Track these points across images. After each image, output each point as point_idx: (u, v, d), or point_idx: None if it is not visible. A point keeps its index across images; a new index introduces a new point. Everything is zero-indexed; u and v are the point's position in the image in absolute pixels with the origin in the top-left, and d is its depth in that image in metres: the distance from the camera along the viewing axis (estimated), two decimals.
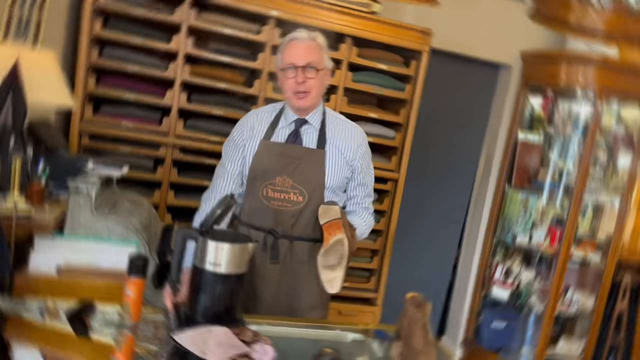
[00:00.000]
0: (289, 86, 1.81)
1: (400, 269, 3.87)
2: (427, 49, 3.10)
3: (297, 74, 1.79)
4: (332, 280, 1.65)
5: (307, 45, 1.80)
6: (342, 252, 1.67)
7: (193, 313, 1.44)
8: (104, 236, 1.76)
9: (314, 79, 1.80)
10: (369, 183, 2.00)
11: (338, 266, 1.66)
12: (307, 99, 1.82)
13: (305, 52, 1.79)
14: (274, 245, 1.83)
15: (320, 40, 1.84)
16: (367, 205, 2.01)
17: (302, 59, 1.78)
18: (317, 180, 1.83)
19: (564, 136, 3.76)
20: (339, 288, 1.65)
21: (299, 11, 2.85)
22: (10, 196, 1.73)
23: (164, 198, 2.84)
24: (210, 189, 1.91)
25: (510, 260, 3.89)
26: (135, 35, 2.69)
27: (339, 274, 1.65)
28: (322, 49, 1.84)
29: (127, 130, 2.75)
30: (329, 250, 1.67)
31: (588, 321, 3.85)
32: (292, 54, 1.80)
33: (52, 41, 2.42)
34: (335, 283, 1.65)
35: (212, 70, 2.87)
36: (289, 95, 1.83)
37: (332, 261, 1.66)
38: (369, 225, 2.00)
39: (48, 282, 1.67)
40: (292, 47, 1.81)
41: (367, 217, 2.00)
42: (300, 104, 1.82)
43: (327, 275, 1.65)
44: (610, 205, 3.91)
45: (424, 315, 1.56)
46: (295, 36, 1.82)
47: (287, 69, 1.80)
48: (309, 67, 1.79)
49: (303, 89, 1.80)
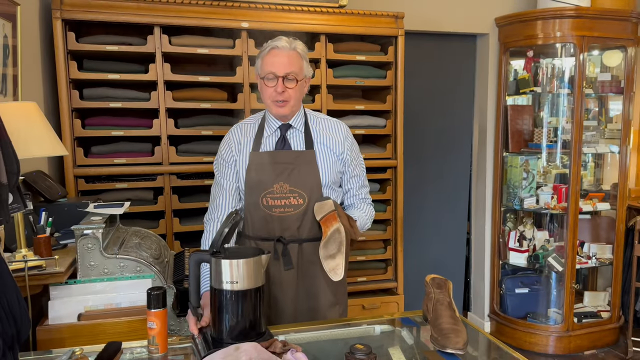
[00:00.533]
0: (269, 94, 1.82)
1: (415, 254, 3.87)
2: (402, 33, 3.10)
3: (277, 83, 1.79)
4: (335, 268, 1.67)
5: (287, 55, 1.79)
6: (340, 240, 1.69)
7: (219, 334, 1.44)
8: (117, 275, 1.76)
9: (293, 89, 1.81)
10: (361, 173, 2.01)
11: (338, 253, 1.68)
12: (287, 107, 1.83)
13: (286, 62, 1.78)
14: (285, 252, 1.83)
15: (301, 48, 1.83)
16: (364, 196, 2.02)
17: (282, 69, 1.78)
18: (313, 180, 1.84)
19: (551, 94, 3.76)
20: (342, 275, 1.66)
21: (268, 18, 2.85)
22: (18, 252, 1.73)
23: (169, 226, 2.84)
24: (211, 209, 1.90)
25: (521, 225, 3.89)
26: (112, 72, 2.69)
27: (340, 261, 1.67)
28: (302, 58, 1.83)
29: (121, 167, 2.75)
30: (328, 241, 1.70)
31: (609, 271, 3.86)
32: (272, 62, 1.79)
33: (32, 92, 2.42)
34: (338, 270, 1.67)
35: (194, 92, 2.87)
36: (269, 102, 1.84)
37: (332, 250, 1.69)
38: (369, 215, 2.01)
39: (71, 330, 1.67)
40: (273, 55, 1.80)
41: (366, 208, 2.01)
42: (279, 112, 1.84)
43: (329, 265, 1.68)
44: (610, 154, 3.91)
45: (448, 295, 1.56)
46: (275, 44, 1.81)
47: (267, 78, 1.80)
48: (289, 78, 1.79)
49: (282, 98, 1.80)
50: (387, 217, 3.26)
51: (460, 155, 3.98)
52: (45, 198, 2.18)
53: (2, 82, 2.03)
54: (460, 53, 3.89)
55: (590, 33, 3.43)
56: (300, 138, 1.89)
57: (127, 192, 2.79)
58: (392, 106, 3.20)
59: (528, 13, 3.54)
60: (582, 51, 3.43)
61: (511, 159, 3.81)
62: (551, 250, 3.71)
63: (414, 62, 3.63)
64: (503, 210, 3.89)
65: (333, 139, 1.91)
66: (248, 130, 1.92)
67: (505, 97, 3.79)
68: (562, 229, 3.64)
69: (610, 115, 3.98)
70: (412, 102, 3.60)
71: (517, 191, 3.78)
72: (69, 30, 2.60)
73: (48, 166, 2.59)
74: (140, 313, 1.73)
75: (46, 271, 1.68)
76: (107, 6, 2.61)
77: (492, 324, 3.95)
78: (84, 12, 2.58)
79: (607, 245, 3.81)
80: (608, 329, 3.74)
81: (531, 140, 3.79)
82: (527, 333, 3.69)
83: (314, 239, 1.86)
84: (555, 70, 3.71)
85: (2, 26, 2.02)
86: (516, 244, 3.81)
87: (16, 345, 1.28)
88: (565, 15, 3.41)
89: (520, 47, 3.68)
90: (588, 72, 3.60)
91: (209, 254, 1.47)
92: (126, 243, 1.89)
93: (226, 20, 2.79)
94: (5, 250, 1.75)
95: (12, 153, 1.28)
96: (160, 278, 1.81)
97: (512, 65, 3.88)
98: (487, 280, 3.99)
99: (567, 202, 3.57)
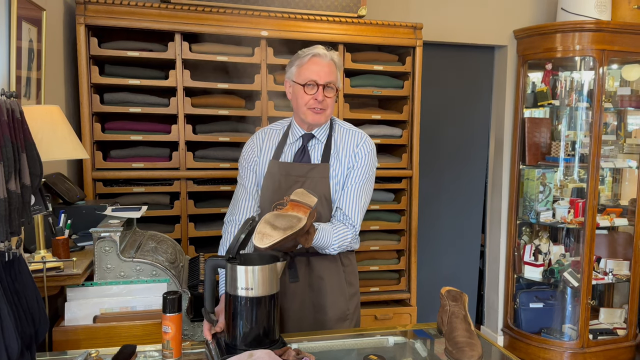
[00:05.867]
0: (306, 101, 1.80)
1: (428, 265, 3.85)
2: (420, 44, 3.10)
3: (318, 91, 1.79)
4: (265, 235, 1.45)
5: (328, 64, 1.80)
6: (292, 225, 1.50)
7: (233, 340, 1.45)
8: (133, 278, 1.78)
9: (332, 98, 1.82)
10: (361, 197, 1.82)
11: (280, 231, 1.46)
12: (324, 115, 1.83)
13: (327, 71, 1.79)
14: (291, 265, 1.82)
15: (337, 60, 1.84)
16: (352, 222, 1.82)
17: (324, 78, 1.79)
18: (322, 194, 1.80)
19: (570, 107, 3.73)
20: (265, 245, 1.44)
21: (288, 27, 2.87)
22: (37, 253, 1.75)
23: (184, 231, 2.85)
24: (232, 211, 1.89)
25: (537, 239, 3.85)
26: (133, 78, 2.73)
27: (277, 237, 1.45)
28: (337, 69, 1.85)
29: (139, 171, 2.78)
30: (285, 216, 1.53)
31: (626, 288, 3.79)
32: (314, 70, 1.79)
33: (54, 95, 2.47)
34: (265, 239, 1.44)
35: (212, 99, 2.90)
36: (304, 110, 1.81)
37: (280, 224, 1.49)
38: (339, 237, 1.77)
39: (87, 332, 1.69)
40: (314, 63, 1.79)
41: (340, 230, 1.79)
42: (316, 120, 1.82)
43: (265, 229, 1.46)
44: (629, 169, 3.86)
45: (463, 308, 1.55)
46: (317, 52, 1.81)
47: (308, 85, 1.80)
48: (329, 87, 1.80)
49: (321, 106, 1.80)
50: (401, 227, 3.25)
51: (476, 167, 3.96)
52: (64, 200, 2.21)
53: (27, 85, 2.07)
54: (478, 64, 3.88)
55: (611, 47, 3.41)
56: (320, 149, 1.87)
57: (144, 196, 2.82)
58: (409, 116, 3.20)
59: (547, 26, 3.53)
60: (601, 65, 3.41)
61: (528, 171, 3.78)
62: (567, 265, 3.66)
63: (432, 72, 3.63)
64: (519, 223, 3.86)
65: (346, 150, 1.87)
66: (272, 136, 1.92)
67: (522, 110, 3.76)
68: (579, 244, 3.59)
69: (629, 130, 3.93)
70: (428, 113, 3.59)
71: (533, 204, 3.75)
72: (91, 35, 2.64)
73: (67, 169, 2.62)
74: (155, 317, 1.74)
75: (64, 273, 1.69)
76: (129, 13, 2.65)
77: (506, 338, 3.90)
78: (107, 18, 2.62)
79: (624, 261, 3.75)
80: (624, 346, 3.68)
81: (548, 153, 3.76)
82: (541, 349, 3.63)
83: (322, 253, 1.83)
84: (574, 84, 3.68)
85: (28, 31, 2.06)
86: (531, 257, 3.77)
87: (34, 345, 1.30)
88: (585, 29, 3.39)
89: (539, 60, 3.66)
90: (607, 86, 3.57)
91: (224, 259, 1.48)
92: (143, 247, 1.91)
93: (246, 28, 2.82)
94: (24, 251, 1.78)
95: (36, 155, 1.31)
96: (175, 282, 1.82)
97: (530, 78, 3.86)
98: (501, 293, 3.95)
99: (584, 216, 3.53)
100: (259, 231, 1.46)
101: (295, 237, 1.53)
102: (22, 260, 1.28)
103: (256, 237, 1.45)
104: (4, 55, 1.87)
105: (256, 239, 1.44)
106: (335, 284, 1.87)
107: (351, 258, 1.96)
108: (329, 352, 1.59)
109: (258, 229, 1.47)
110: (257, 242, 1.44)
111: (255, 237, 1.45)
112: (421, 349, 1.64)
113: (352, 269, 1.95)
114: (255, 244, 1.44)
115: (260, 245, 1.43)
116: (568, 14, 3.48)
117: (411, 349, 1.66)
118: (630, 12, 3.52)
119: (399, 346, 1.67)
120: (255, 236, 1.45)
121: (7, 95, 1.26)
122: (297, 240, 1.60)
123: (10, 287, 1.22)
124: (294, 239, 1.53)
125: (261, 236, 1.44)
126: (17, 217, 1.20)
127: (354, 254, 1.99)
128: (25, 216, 1.25)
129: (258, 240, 1.44)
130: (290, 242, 1.53)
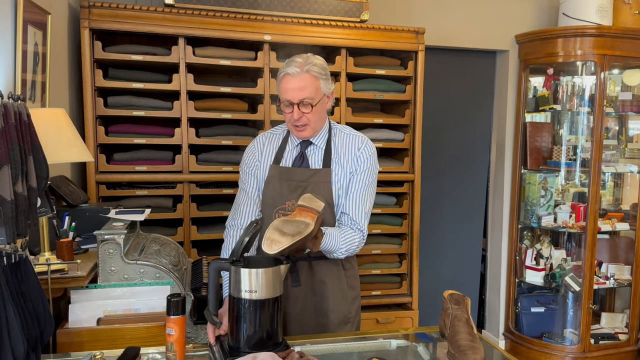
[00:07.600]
0: (288, 119, 1.82)
1: (430, 269, 3.85)
2: (422, 48, 3.12)
3: (293, 109, 1.77)
4: (274, 242, 1.47)
5: (300, 80, 1.74)
6: (300, 231, 1.52)
7: (236, 343, 1.45)
8: (137, 280, 1.78)
9: (310, 113, 1.78)
10: (366, 201, 1.83)
11: (288, 237, 1.49)
12: (306, 131, 1.82)
13: (299, 87, 1.74)
14: (293, 269, 1.82)
15: (316, 69, 1.76)
16: (360, 227, 1.83)
17: (296, 96, 1.75)
18: (325, 200, 1.77)
19: (571, 111, 3.74)
20: (274, 252, 1.46)
21: (291, 32, 2.89)
22: (42, 255, 1.76)
23: (187, 234, 2.86)
24: (234, 216, 1.90)
25: (538, 243, 3.85)
26: (136, 81, 2.75)
27: (285, 243, 1.47)
28: (317, 78, 1.77)
29: (142, 174, 2.79)
30: (293, 222, 1.55)
31: (627, 292, 3.79)
32: (286, 89, 1.77)
33: (58, 98, 2.48)
34: (274, 245, 1.46)
35: (215, 103, 2.91)
36: (289, 125, 1.84)
37: (288, 230, 1.52)
38: (347, 242, 1.78)
39: (90, 334, 1.70)
40: (286, 82, 1.77)
41: (348, 234, 1.80)
42: (300, 136, 1.83)
43: (274, 235, 1.49)
44: (630, 173, 3.87)
45: (466, 311, 1.56)
46: (287, 71, 1.77)
47: (284, 104, 1.79)
48: (304, 104, 1.76)
49: (300, 123, 1.79)
50: (403, 231, 3.26)
51: (477, 171, 3.97)
52: (68, 203, 2.22)
53: (32, 88, 2.08)
54: (479, 69, 3.90)
55: (612, 52, 3.42)
56: (319, 155, 1.86)
57: (147, 199, 2.83)
58: (411, 120, 3.21)
59: (549, 31, 3.54)
60: (603, 70, 3.42)
61: (529, 176, 3.79)
62: (568, 270, 3.66)
63: (433, 77, 3.64)
64: (520, 227, 3.86)
65: (347, 155, 1.86)
66: (273, 141, 1.92)
67: (524, 114, 3.78)
68: (580, 248, 3.59)
69: (630, 135, 3.94)
70: (430, 117, 3.60)
71: (534, 209, 3.75)
72: (96, 39, 2.66)
73: (71, 172, 2.63)
74: (159, 319, 1.75)
75: (68, 275, 1.70)
76: (133, 17, 2.66)
77: (507, 342, 3.90)
78: (111, 22, 2.64)
79: (625, 266, 3.75)
80: (625, 351, 3.67)
81: (550, 157, 3.77)
82: (542, 353, 3.63)
83: (324, 257, 1.83)
84: (576, 88, 3.69)
85: (34, 34, 2.08)
86: (533, 262, 3.77)
87: (39, 347, 1.31)
88: (586, 34, 3.41)
89: (541, 65, 3.67)
90: (609, 91, 3.58)
91: (228, 262, 1.49)
92: (146, 249, 1.92)
93: (249, 32, 2.83)
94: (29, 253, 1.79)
95: (42, 158, 1.32)
96: (178, 285, 1.82)
97: (532, 82, 3.87)
98: (502, 298, 3.95)
99: (585, 221, 3.53)
100: (267, 237, 1.48)
101: (304, 243, 1.55)
102: (28, 262, 1.29)
103: (265, 243, 1.46)
104: (10, 59, 1.89)
105: (265, 246, 1.46)
106: (337, 287, 1.88)
107: (352, 262, 1.96)
108: (332, 355, 1.59)
109: (267, 235, 1.48)
110: (266, 249, 1.46)
111: (264, 243, 1.47)
112: (424, 352, 1.65)
113: (353, 272, 1.95)
114: (264, 250, 1.46)
115: (270, 251, 1.45)
116: (569, 19, 3.49)
117: (413, 352, 1.66)
118: (632, 17, 3.53)
119: (402, 349, 1.67)
120: (264, 242, 1.47)
121: (15, 98, 1.27)
122: (305, 245, 1.61)
123: (17, 289, 1.23)
124: (302, 244, 1.54)
125: (270, 242, 1.46)
126: (23, 219, 1.21)
127: (355, 257, 1.99)
128: (31, 218, 1.26)
129: (267, 247, 1.46)
130: (298, 246, 1.55)
